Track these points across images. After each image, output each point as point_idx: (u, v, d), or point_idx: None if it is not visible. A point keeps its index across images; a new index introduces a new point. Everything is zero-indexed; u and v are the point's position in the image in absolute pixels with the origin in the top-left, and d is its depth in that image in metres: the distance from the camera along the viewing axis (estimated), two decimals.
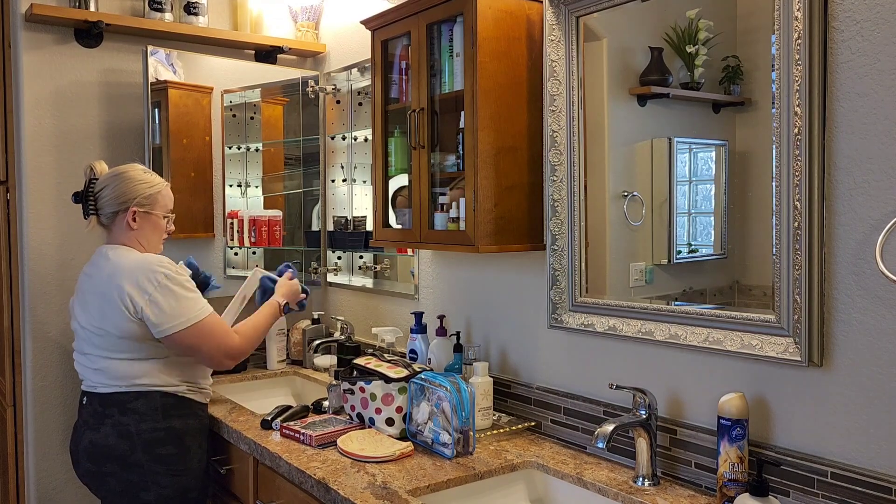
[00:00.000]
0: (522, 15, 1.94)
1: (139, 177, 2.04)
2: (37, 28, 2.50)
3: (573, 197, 1.87)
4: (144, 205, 2.03)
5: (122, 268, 1.94)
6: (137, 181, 2.03)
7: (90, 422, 1.99)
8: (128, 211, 2.01)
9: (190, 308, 1.93)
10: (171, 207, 2.11)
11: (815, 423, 1.43)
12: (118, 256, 1.98)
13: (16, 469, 2.63)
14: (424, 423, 1.87)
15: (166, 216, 2.09)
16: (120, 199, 2.01)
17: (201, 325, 1.94)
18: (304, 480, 1.73)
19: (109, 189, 2.02)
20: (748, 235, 1.57)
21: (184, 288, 1.94)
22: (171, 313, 1.90)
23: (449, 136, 2.07)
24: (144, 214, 2.03)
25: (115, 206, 2.01)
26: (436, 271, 2.42)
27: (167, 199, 2.09)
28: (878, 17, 1.31)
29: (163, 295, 1.90)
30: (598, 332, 1.80)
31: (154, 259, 1.96)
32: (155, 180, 2.07)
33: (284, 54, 2.94)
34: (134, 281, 1.91)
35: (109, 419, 1.96)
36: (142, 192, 2.02)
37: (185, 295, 1.94)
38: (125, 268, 1.93)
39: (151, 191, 2.04)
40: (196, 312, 1.93)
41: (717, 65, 1.61)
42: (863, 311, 1.35)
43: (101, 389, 1.98)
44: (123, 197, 2.01)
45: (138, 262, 1.95)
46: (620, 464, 1.77)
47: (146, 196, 2.03)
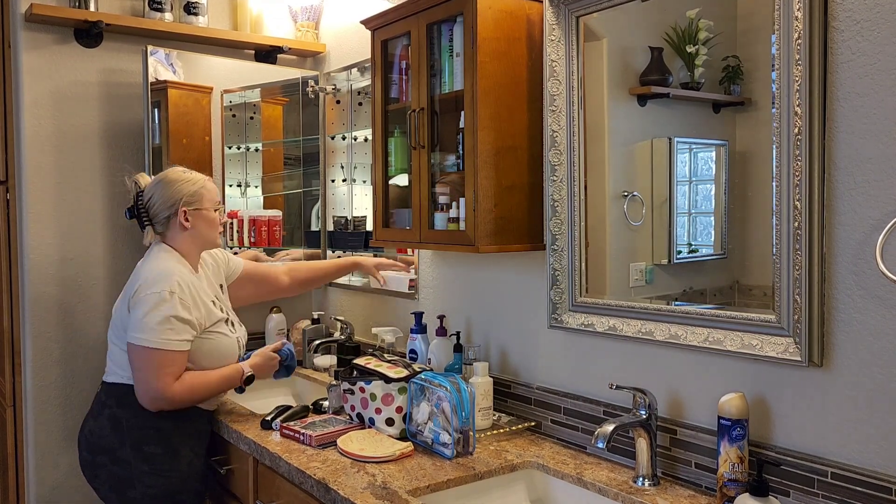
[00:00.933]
0: (522, 15, 1.94)
1: (180, 177, 2.07)
2: (37, 28, 2.50)
3: (573, 197, 1.87)
4: (192, 202, 2.05)
5: (150, 265, 2.00)
6: (180, 181, 2.05)
7: (94, 409, 2.05)
8: (178, 213, 2.03)
9: (151, 330, 1.89)
10: (219, 199, 2.13)
11: (815, 423, 1.43)
12: (158, 256, 2.03)
13: (16, 469, 2.63)
14: (424, 423, 1.87)
15: (216, 208, 2.10)
16: (168, 202, 2.03)
17: (150, 353, 1.89)
18: (304, 480, 1.73)
19: (156, 196, 2.05)
20: (748, 235, 1.57)
21: (165, 311, 1.90)
22: (136, 324, 1.91)
23: (449, 136, 2.07)
24: (195, 212, 2.05)
25: (166, 210, 2.04)
26: (436, 271, 2.41)
27: (212, 191, 2.10)
28: (878, 17, 1.31)
29: (148, 305, 1.91)
30: (598, 332, 1.80)
31: (173, 272, 1.96)
32: (195, 177, 2.09)
33: (284, 54, 2.94)
34: (145, 282, 1.95)
35: (108, 409, 1.99)
36: (187, 191, 2.04)
37: (159, 317, 1.90)
38: (152, 267, 1.99)
39: (195, 187, 2.06)
40: (155, 339, 1.89)
41: (717, 65, 1.61)
42: (863, 311, 1.35)
43: (109, 378, 2.03)
44: (171, 200, 2.03)
45: (163, 268, 1.97)
46: (620, 464, 1.77)
47: (191, 193, 2.05)
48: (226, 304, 2.21)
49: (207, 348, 2.02)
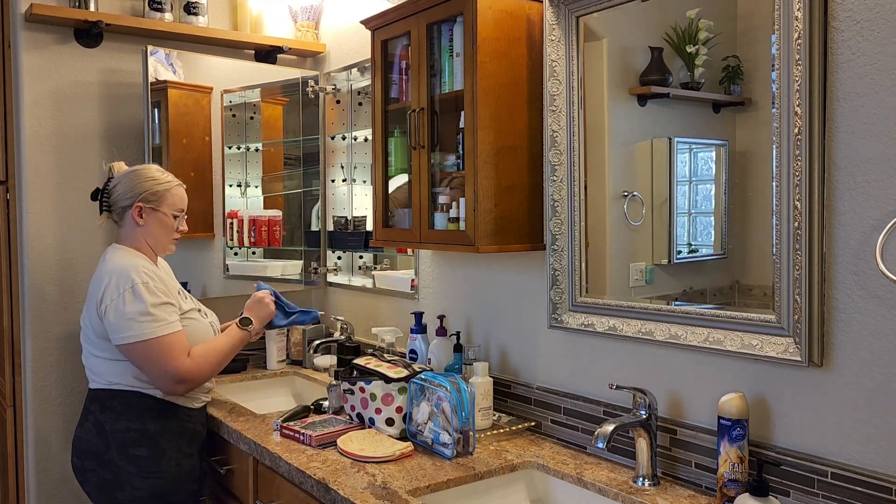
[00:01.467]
0: (522, 15, 1.94)
1: (150, 174, 2.06)
2: (37, 28, 2.50)
3: (573, 197, 1.87)
4: (151, 201, 2.03)
5: (108, 268, 1.97)
6: (147, 178, 2.05)
7: (81, 416, 2.06)
8: (133, 206, 2.02)
9: (145, 323, 1.88)
10: (183, 207, 2.11)
11: (815, 423, 1.43)
12: (112, 257, 2.00)
13: (16, 469, 2.63)
14: (424, 423, 1.87)
15: (176, 215, 2.08)
16: (128, 193, 2.03)
17: (150, 343, 1.89)
18: (304, 480, 1.73)
19: (121, 185, 2.05)
20: (748, 235, 1.57)
21: (145, 302, 1.90)
22: (122, 324, 1.89)
23: (449, 136, 2.07)
24: (151, 211, 2.04)
25: (124, 201, 2.03)
26: (436, 271, 2.41)
27: (177, 198, 2.08)
28: (878, 17, 1.31)
29: (123, 303, 1.89)
30: (598, 332, 1.80)
31: (133, 266, 1.94)
32: (166, 178, 2.08)
33: (284, 54, 2.94)
34: (109, 283, 1.93)
35: (92, 415, 2.00)
36: (149, 189, 2.03)
37: (145, 310, 1.89)
38: (110, 269, 1.96)
39: (159, 188, 2.05)
40: (149, 329, 1.88)
41: (717, 65, 1.61)
42: (863, 311, 1.35)
43: (91, 385, 2.03)
44: (131, 192, 2.03)
45: (121, 265, 1.95)
46: (620, 464, 1.77)
47: (153, 192, 2.04)
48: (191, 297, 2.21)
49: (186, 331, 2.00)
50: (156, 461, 1.97)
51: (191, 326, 2.04)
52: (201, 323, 2.09)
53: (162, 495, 1.98)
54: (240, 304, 2.28)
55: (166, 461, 1.98)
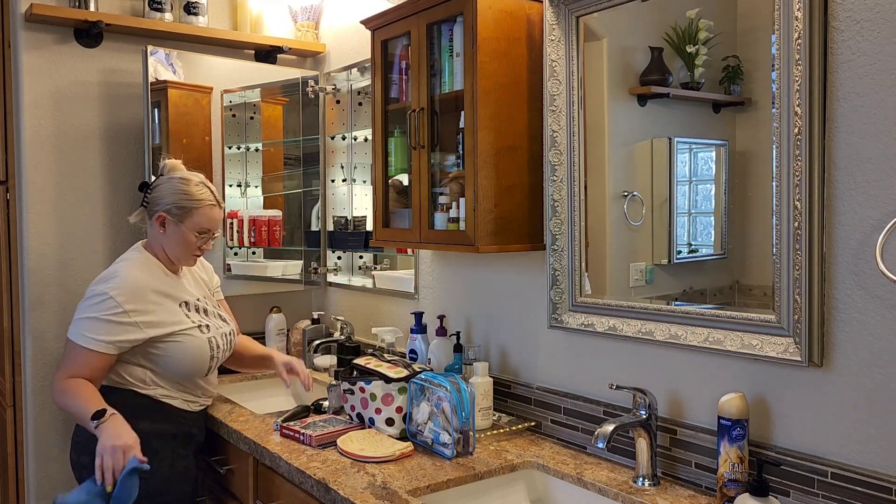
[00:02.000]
0: (522, 15, 1.94)
1: (186, 188, 2.02)
2: (37, 28, 2.50)
3: (573, 197, 1.87)
4: (175, 214, 2.01)
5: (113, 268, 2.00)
6: (181, 190, 2.02)
7: None
8: (156, 215, 2.03)
9: (84, 328, 1.90)
10: (209, 227, 2.05)
11: (815, 423, 1.43)
12: (123, 258, 2.05)
13: (16, 469, 2.63)
14: (424, 423, 1.87)
15: (200, 234, 2.04)
16: (160, 199, 2.03)
17: (69, 344, 1.93)
18: (304, 480, 1.73)
19: (159, 188, 2.05)
20: (748, 235, 1.57)
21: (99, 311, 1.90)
22: (76, 319, 1.94)
23: (449, 136, 2.07)
24: (174, 223, 2.02)
25: (155, 205, 2.04)
26: (436, 271, 2.41)
27: (204, 218, 2.03)
28: (878, 17, 1.31)
29: (85, 300, 1.94)
30: (598, 332, 1.80)
31: (121, 278, 1.94)
32: (198, 195, 2.02)
33: (284, 54, 2.94)
34: (97, 279, 1.98)
35: None
36: (176, 202, 2.01)
37: (92, 314, 1.90)
38: (110, 268, 2.01)
39: (188, 204, 2.01)
40: (82, 336, 1.90)
41: (717, 65, 1.61)
42: (863, 311, 1.35)
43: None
44: (161, 200, 2.03)
45: (115, 270, 1.98)
46: (620, 464, 1.77)
47: (179, 207, 2.01)
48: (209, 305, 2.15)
49: (173, 351, 1.98)
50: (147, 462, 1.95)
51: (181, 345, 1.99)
52: (197, 339, 2.02)
53: (153, 495, 1.94)
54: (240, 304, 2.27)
55: (158, 461, 1.96)
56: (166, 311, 1.99)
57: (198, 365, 2.04)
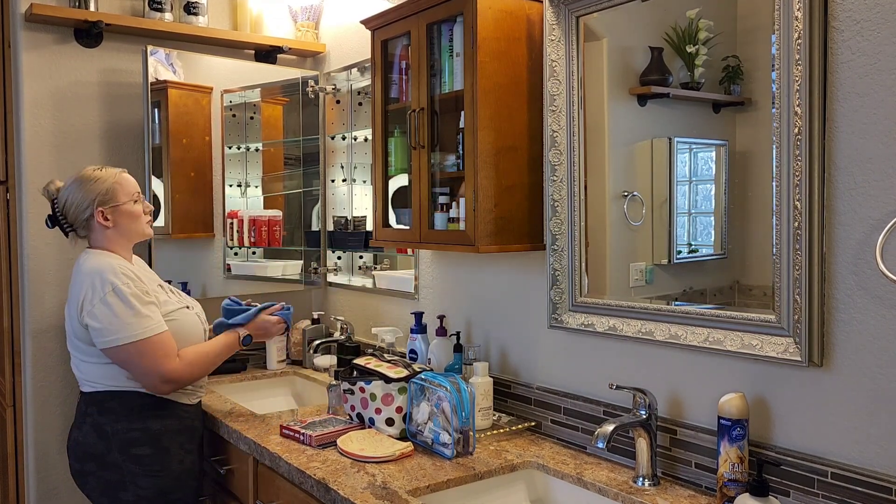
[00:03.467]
0: (522, 15, 1.94)
1: (90, 176, 2.00)
2: (37, 28, 2.50)
3: (573, 197, 1.87)
4: (107, 201, 1.99)
5: (81, 274, 1.94)
6: (90, 181, 1.99)
7: (77, 419, 2.03)
8: (94, 214, 1.98)
9: (130, 325, 1.86)
10: (137, 189, 2.05)
11: (815, 423, 1.43)
12: (86, 261, 1.97)
13: (16, 469, 2.63)
14: (424, 423, 1.87)
15: (135, 199, 2.03)
16: (82, 205, 1.98)
17: (137, 345, 1.86)
18: (304, 480, 1.73)
19: (70, 200, 1.99)
20: (748, 235, 1.57)
21: (128, 304, 1.88)
22: (107, 328, 1.87)
23: (449, 136, 2.07)
24: (112, 209, 1.99)
25: (82, 213, 1.98)
26: (436, 271, 2.41)
27: (126, 184, 2.03)
28: (878, 17, 1.31)
29: (104, 308, 1.87)
30: (598, 332, 1.80)
31: (109, 268, 1.91)
32: (107, 174, 2.01)
33: (284, 54, 2.94)
34: (85, 289, 1.90)
35: (90, 418, 1.98)
36: (99, 190, 1.98)
37: (127, 310, 1.87)
38: (83, 274, 1.93)
39: (106, 184, 1.99)
40: (135, 331, 1.86)
41: (717, 65, 1.61)
42: (863, 311, 1.35)
43: (85, 388, 2.01)
44: (84, 202, 1.98)
45: (94, 270, 1.92)
46: (620, 464, 1.77)
47: (104, 192, 1.98)
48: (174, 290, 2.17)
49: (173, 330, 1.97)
50: (159, 459, 1.96)
51: (178, 322, 2.00)
52: (188, 317, 2.05)
53: (166, 493, 1.97)
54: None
55: (169, 459, 1.98)
56: (153, 290, 1.99)
57: (194, 342, 2.04)
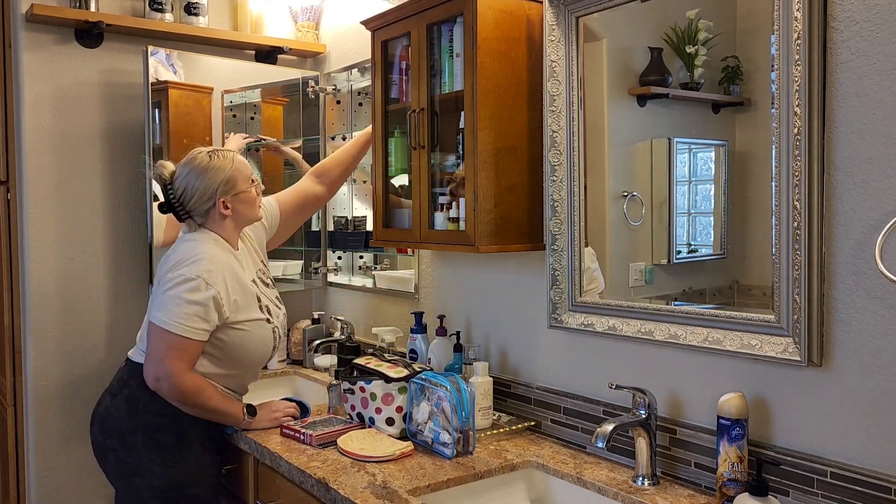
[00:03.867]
0: (522, 15, 1.94)
1: (208, 164, 1.98)
2: (37, 28, 2.51)
3: (573, 197, 1.87)
4: (229, 190, 1.98)
5: (182, 248, 1.96)
6: (210, 170, 1.98)
7: (114, 386, 2.02)
8: (216, 204, 1.99)
9: (173, 314, 1.87)
10: (251, 173, 2.05)
11: (814, 423, 1.43)
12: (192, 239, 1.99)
13: (16, 469, 2.63)
14: (424, 422, 1.87)
15: (252, 184, 2.04)
16: (205, 195, 1.97)
17: (165, 332, 1.87)
18: (304, 480, 1.73)
19: (190, 190, 1.98)
20: (748, 235, 1.57)
21: (192, 302, 1.88)
22: (160, 304, 1.90)
23: (449, 136, 2.07)
24: (233, 198, 2.00)
25: (205, 203, 1.98)
26: (436, 271, 2.42)
27: (243, 168, 2.02)
28: (878, 18, 1.32)
29: (174, 287, 1.89)
30: (597, 332, 1.81)
31: (206, 257, 1.92)
32: (224, 161, 2.00)
33: (284, 54, 2.94)
34: (176, 263, 1.92)
35: (128, 388, 1.97)
36: (220, 179, 1.97)
37: (187, 305, 1.87)
38: (184, 250, 1.95)
39: (227, 173, 1.98)
40: (176, 322, 1.86)
41: (716, 65, 1.61)
42: (862, 311, 1.35)
43: (135, 357, 2.00)
44: (207, 192, 1.97)
45: (195, 253, 1.92)
46: (620, 463, 1.77)
47: (226, 181, 1.98)
48: (268, 276, 2.18)
49: (240, 339, 1.97)
50: (179, 450, 1.94)
51: (252, 332, 1.99)
52: (264, 330, 2.03)
53: (181, 486, 1.94)
54: None
55: (190, 451, 1.95)
56: (242, 296, 1.98)
57: (260, 354, 2.05)
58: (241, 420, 2.00)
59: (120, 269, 2.66)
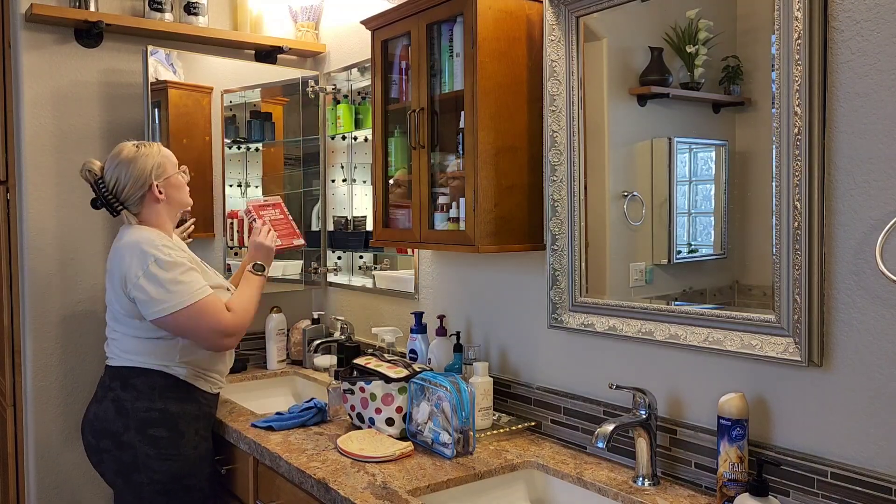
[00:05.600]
0: (522, 15, 1.94)
1: (136, 153, 2.03)
2: (37, 28, 2.50)
3: (573, 197, 1.87)
4: (160, 174, 2.04)
5: (123, 246, 1.97)
6: (139, 157, 2.02)
7: (98, 394, 2.05)
8: (151, 189, 2.03)
9: (178, 293, 1.90)
10: (176, 161, 2.12)
11: (814, 423, 1.43)
12: (124, 235, 2.01)
13: (16, 469, 2.63)
14: (424, 423, 1.87)
15: (180, 171, 2.10)
16: (138, 182, 2.02)
17: (189, 310, 1.91)
18: (304, 480, 1.73)
19: (123, 178, 2.02)
20: (748, 235, 1.57)
21: (172, 273, 1.91)
22: (157, 298, 1.90)
23: (449, 136, 2.07)
24: (165, 182, 2.05)
25: (138, 190, 2.02)
26: (436, 271, 2.42)
27: (170, 156, 2.10)
28: (878, 17, 1.31)
29: (149, 281, 1.90)
30: (598, 332, 1.80)
31: (147, 241, 1.95)
32: (151, 148, 2.06)
33: (284, 54, 2.94)
34: (128, 262, 1.93)
35: (112, 392, 1.99)
36: (151, 164, 2.03)
37: (174, 279, 1.91)
38: (125, 246, 1.96)
39: (156, 158, 2.04)
40: (184, 297, 1.90)
41: (717, 65, 1.61)
42: (863, 311, 1.35)
43: (112, 362, 2.03)
44: (140, 179, 2.02)
45: (133, 243, 1.95)
46: (620, 464, 1.77)
47: (156, 166, 2.04)
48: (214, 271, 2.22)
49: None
50: (174, 443, 1.98)
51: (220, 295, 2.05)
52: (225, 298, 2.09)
53: (180, 478, 1.98)
54: None
55: (184, 443, 2.00)
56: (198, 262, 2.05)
57: None
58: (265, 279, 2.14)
59: None
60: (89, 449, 2.04)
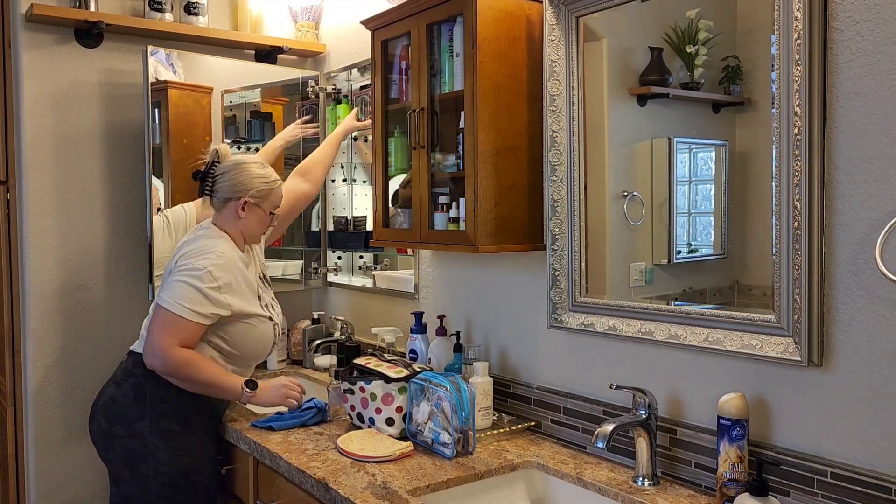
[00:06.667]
0: (522, 15, 1.94)
1: (258, 171, 2.11)
2: (37, 28, 2.50)
3: (573, 197, 1.87)
4: (256, 198, 2.09)
5: (190, 244, 2.04)
6: (256, 175, 2.10)
7: (117, 376, 2.07)
8: (240, 200, 2.07)
9: (178, 295, 1.92)
10: (279, 204, 2.18)
11: (814, 423, 1.43)
12: (204, 234, 2.07)
13: (16, 469, 2.63)
14: (424, 422, 1.87)
15: (272, 212, 2.15)
16: (236, 188, 2.07)
17: (166, 312, 1.92)
18: (304, 480, 1.73)
19: (228, 176, 2.08)
20: (748, 235, 1.57)
21: (199, 291, 1.93)
22: (166, 287, 1.97)
23: (449, 136, 2.07)
24: (254, 206, 2.09)
25: (230, 193, 2.08)
26: (436, 271, 2.42)
27: (277, 196, 2.15)
28: (878, 17, 1.31)
29: (181, 273, 1.96)
30: (598, 332, 1.80)
31: (212, 253, 1.99)
32: (271, 177, 2.13)
33: (284, 54, 2.94)
34: (187, 253, 2.00)
35: (133, 378, 2.01)
36: (257, 186, 2.09)
37: (193, 293, 1.93)
38: (192, 247, 2.02)
39: (266, 186, 2.10)
40: (175, 302, 1.92)
41: (716, 65, 1.61)
42: (863, 311, 1.35)
43: (138, 349, 2.05)
44: (240, 187, 2.07)
45: (205, 245, 2.01)
46: (620, 464, 1.77)
47: (260, 190, 2.09)
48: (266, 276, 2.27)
49: (244, 333, 2.05)
50: (184, 438, 2.00)
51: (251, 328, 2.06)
52: (261, 329, 2.09)
53: (186, 473, 2.00)
54: None
55: (195, 439, 2.02)
56: (247, 293, 2.06)
57: (261, 349, 2.14)
58: (241, 394, 2.01)
59: (119, 270, 2.65)
60: (100, 433, 2.04)
